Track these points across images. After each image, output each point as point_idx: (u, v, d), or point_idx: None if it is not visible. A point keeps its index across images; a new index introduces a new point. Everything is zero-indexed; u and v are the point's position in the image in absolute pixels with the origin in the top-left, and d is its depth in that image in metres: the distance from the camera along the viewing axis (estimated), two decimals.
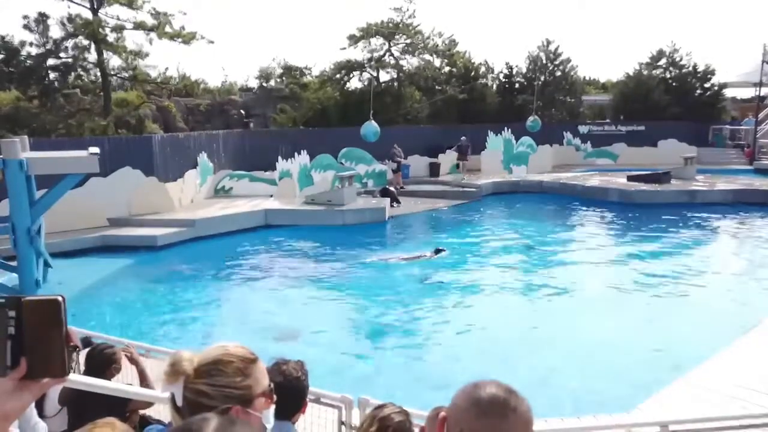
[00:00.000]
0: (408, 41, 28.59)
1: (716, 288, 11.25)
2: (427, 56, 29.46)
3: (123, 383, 3.62)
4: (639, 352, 7.96)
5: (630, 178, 21.46)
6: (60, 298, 1.08)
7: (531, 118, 24.28)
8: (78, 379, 3.05)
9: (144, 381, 3.93)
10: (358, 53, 28.80)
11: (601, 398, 6.35)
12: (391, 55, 28.86)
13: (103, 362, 3.83)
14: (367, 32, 27.83)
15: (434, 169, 24.48)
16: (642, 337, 8.58)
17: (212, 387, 1.39)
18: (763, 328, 7.95)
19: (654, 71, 31.06)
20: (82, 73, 21.79)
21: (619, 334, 8.70)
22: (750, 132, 28.09)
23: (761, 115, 28.52)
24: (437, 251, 13.35)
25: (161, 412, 4.00)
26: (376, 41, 28.44)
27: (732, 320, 8.90)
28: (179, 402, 1.37)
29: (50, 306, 1.07)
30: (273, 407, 1.65)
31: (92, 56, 21.03)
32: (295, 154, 20.19)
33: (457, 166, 24.07)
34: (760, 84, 28.40)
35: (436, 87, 29.15)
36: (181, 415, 1.36)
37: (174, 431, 0.98)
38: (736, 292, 10.92)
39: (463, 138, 23.93)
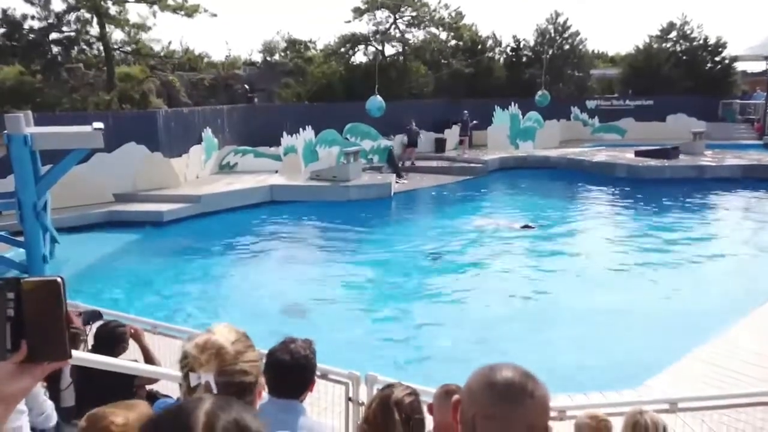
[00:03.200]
0: (414, 14, 28.11)
1: (725, 264, 11.19)
2: (433, 29, 29.01)
3: (128, 360, 3.62)
4: (646, 327, 7.95)
5: (638, 154, 21.26)
6: (59, 279, 1.04)
7: (540, 93, 23.95)
8: (89, 358, 3.05)
9: (148, 358, 3.93)
10: (363, 26, 28.44)
11: (609, 374, 6.35)
12: (397, 28, 28.43)
13: (114, 340, 3.85)
14: (372, 5, 27.37)
15: (440, 145, 24.29)
16: (649, 312, 8.56)
17: (249, 364, 1.44)
18: None
19: (664, 44, 30.49)
20: (85, 47, 21.58)
21: (626, 310, 8.67)
22: (760, 106, 27.68)
23: None
24: (525, 226, 13.09)
25: (168, 386, 4.01)
26: (382, 14, 27.98)
27: (741, 296, 8.86)
28: (215, 389, 1.35)
29: (50, 287, 1.03)
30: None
31: (95, 30, 20.81)
32: (300, 129, 20.04)
33: (461, 142, 23.93)
34: None
35: (442, 61, 28.74)
36: None
37: (167, 412, 0.95)
38: (744, 268, 10.86)
39: (465, 112, 23.72)
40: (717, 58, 29.89)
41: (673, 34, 30.47)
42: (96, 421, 2.08)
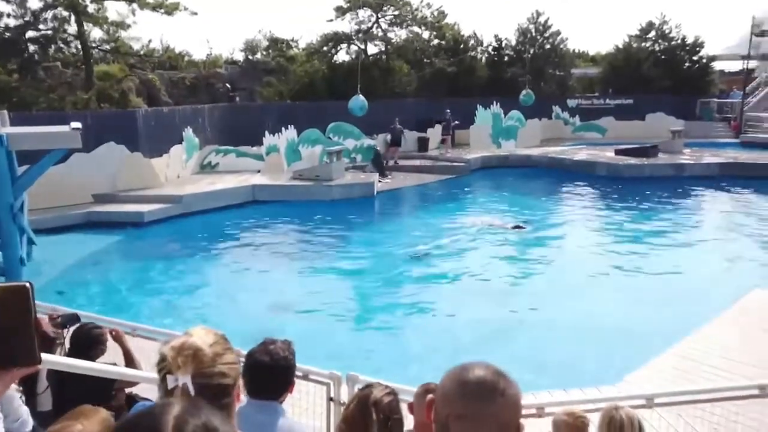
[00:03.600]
0: (396, 13, 28.15)
1: (702, 260, 11.38)
2: (415, 28, 29.07)
3: (108, 362, 3.58)
4: (626, 324, 8.05)
5: (618, 152, 21.52)
6: (28, 285, 1.04)
7: (524, 92, 24.17)
8: (66, 362, 3.02)
9: (129, 360, 3.90)
10: (345, 25, 28.36)
11: (590, 371, 6.43)
12: (379, 27, 28.44)
13: (90, 342, 3.79)
14: (355, 3, 27.35)
15: (423, 144, 24.35)
16: (629, 309, 8.68)
17: (227, 366, 1.43)
18: (749, 299, 8.06)
19: (643, 44, 30.90)
20: (62, 45, 21.24)
21: (606, 306, 8.79)
22: (737, 105, 28.17)
23: (748, 88, 28.58)
24: (516, 227, 13.01)
25: (147, 390, 3.97)
26: (364, 13, 27.98)
27: (718, 292, 9.01)
28: (192, 391, 1.34)
29: (17, 293, 1.03)
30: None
31: (72, 28, 20.50)
32: (283, 128, 19.94)
33: (443, 141, 24.07)
34: (748, 57, 28.40)
35: (425, 60, 28.83)
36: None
37: (136, 416, 0.95)
38: (721, 265, 11.06)
39: (447, 111, 23.87)
40: (695, 58, 30.37)
41: (652, 34, 30.88)
42: None
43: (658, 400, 3.74)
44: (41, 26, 20.19)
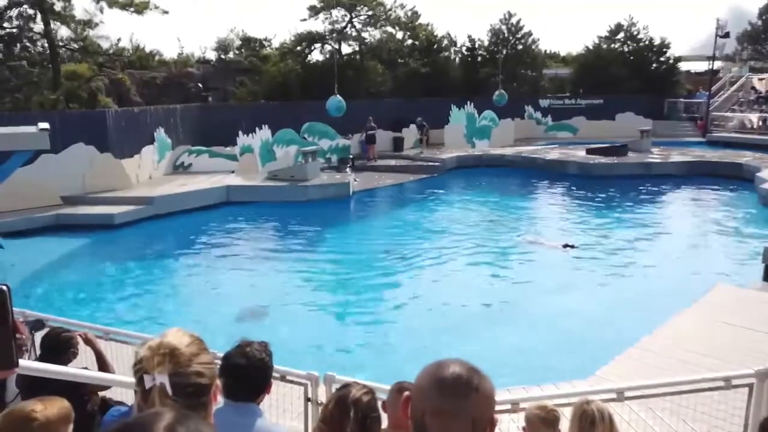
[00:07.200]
0: (370, 13, 28.20)
1: (669, 256, 11.64)
2: (389, 29, 29.17)
3: (80, 366, 3.53)
4: (597, 319, 8.22)
5: (589, 151, 21.91)
6: (4, 287, 1.03)
7: (497, 92, 24.44)
8: (39, 367, 2.96)
9: (102, 363, 3.84)
10: (319, 25, 28.36)
11: (562, 366, 6.54)
12: (353, 27, 28.45)
13: (60, 347, 3.73)
14: (328, 3, 27.31)
15: (398, 144, 24.43)
16: (600, 304, 8.85)
17: (203, 366, 1.42)
18: (714, 293, 8.28)
19: (612, 45, 31.50)
20: (28, 44, 20.79)
21: (577, 303, 8.94)
22: (703, 105, 28.90)
23: (714, 89, 29.34)
24: (566, 246, 12.80)
25: (122, 394, 3.93)
26: (338, 13, 27.98)
27: (685, 287, 9.24)
28: (170, 390, 1.34)
29: None
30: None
31: (39, 26, 20.08)
32: (257, 128, 19.80)
33: (421, 141, 24.25)
34: (713, 57, 29.14)
35: (399, 60, 28.93)
36: (172, 401, 1.33)
37: (125, 425, 0.95)
38: (688, 260, 11.34)
39: (419, 119, 24.11)
40: (662, 59, 31.08)
41: (621, 35, 31.50)
42: (15, 413, 2.13)
43: (628, 393, 3.83)
44: (5, 24, 19.74)
